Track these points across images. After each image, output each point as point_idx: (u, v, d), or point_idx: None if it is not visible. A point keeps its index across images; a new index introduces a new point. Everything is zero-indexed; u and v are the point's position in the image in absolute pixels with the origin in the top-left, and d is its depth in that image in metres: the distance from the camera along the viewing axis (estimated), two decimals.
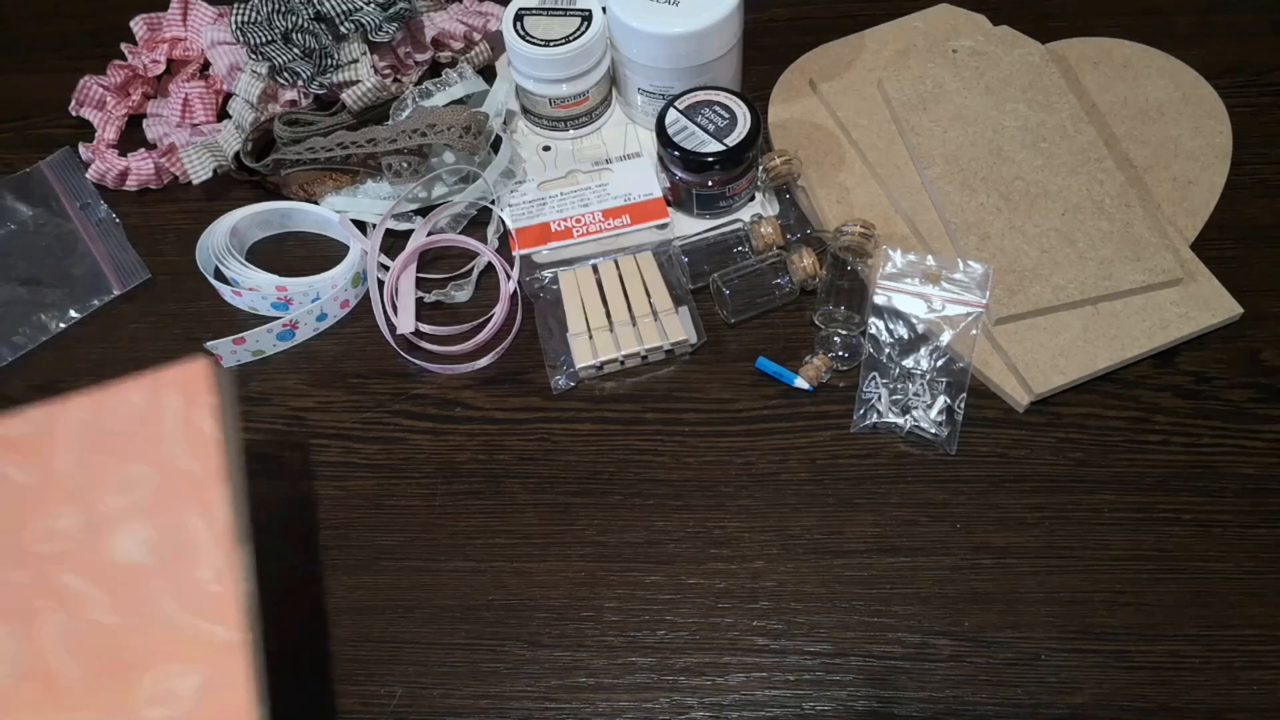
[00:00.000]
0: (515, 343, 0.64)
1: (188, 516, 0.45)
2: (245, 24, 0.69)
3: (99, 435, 0.47)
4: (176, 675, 0.43)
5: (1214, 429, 0.59)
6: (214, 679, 0.43)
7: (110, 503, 0.46)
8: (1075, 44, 0.72)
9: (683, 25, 0.64)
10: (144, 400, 0.47)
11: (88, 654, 0.44)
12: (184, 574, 0.45)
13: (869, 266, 0.63)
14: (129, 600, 0.44)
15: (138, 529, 0.46)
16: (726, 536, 0.57)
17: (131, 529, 0.46)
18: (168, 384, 0.47)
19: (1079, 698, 0.52)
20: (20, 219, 0.71)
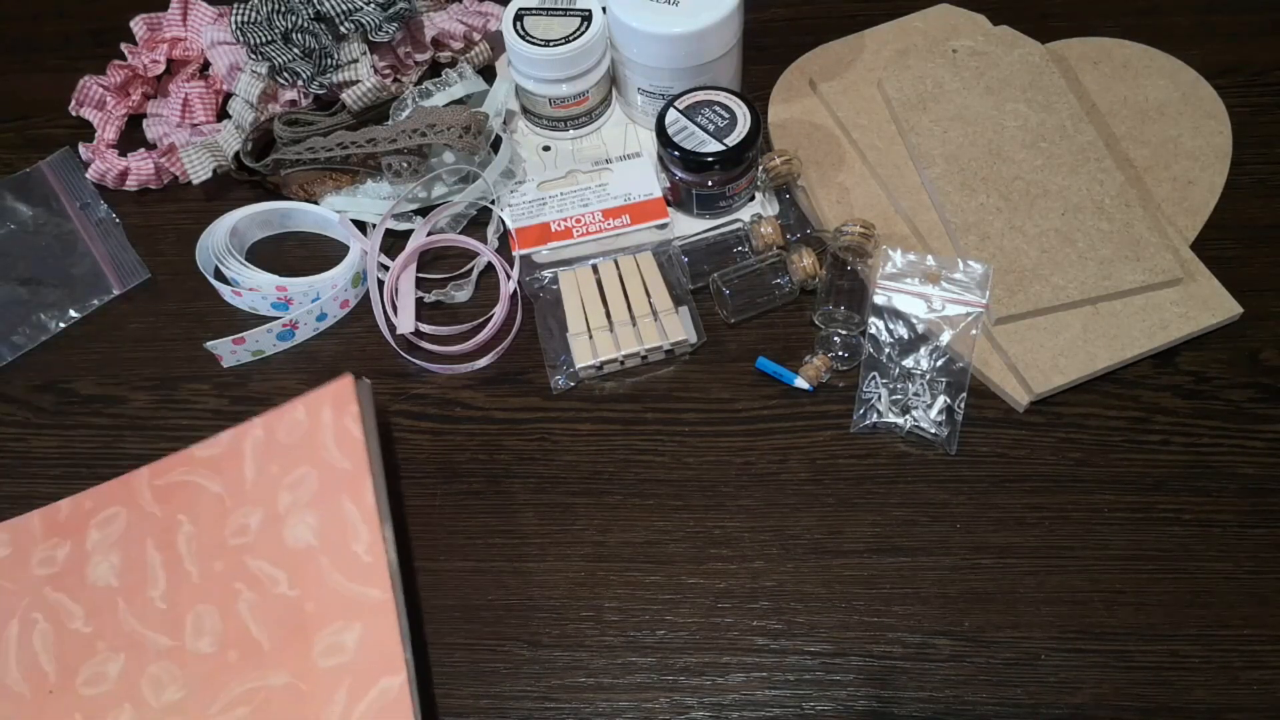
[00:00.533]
0: (515, 343, 0.64)
1: (343, 504, 0.54)
2: (245, 24, 0.69)
3: (273, 448, 0.56)
4: (341, 631, 0.52)
5: (1214, 429, 0.59)
6: (370, 631, 0.51)
7: (284, 500, 0.55)
8: (1075, 44, 0.72)
9: (683, 25, 0.64)
10: (305, 415, 0.57)
11: (274, 621, 0.53)
12: (343, 549, 0.53)
13: (869, 266, 0.63)
14: (302, 576, 0.53)
15: (306, 518, 0.54)
16: (726, 536, 0.57)
17: (301, 519, 0.54)
18: (323, 400, 0.57)
19: (1079, 698, 0.52)
20: (20, 219, 0.71)
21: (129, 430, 0.63)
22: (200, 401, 0.64)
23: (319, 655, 0.51)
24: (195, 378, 0.64)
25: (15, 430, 0.63)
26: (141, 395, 0.64)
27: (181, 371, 0.65)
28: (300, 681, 0.51)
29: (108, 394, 0.64)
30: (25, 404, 0.64)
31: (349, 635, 0.51)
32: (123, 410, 0.64)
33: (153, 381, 0.65)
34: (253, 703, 0.51)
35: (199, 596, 0.54)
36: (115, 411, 0.64)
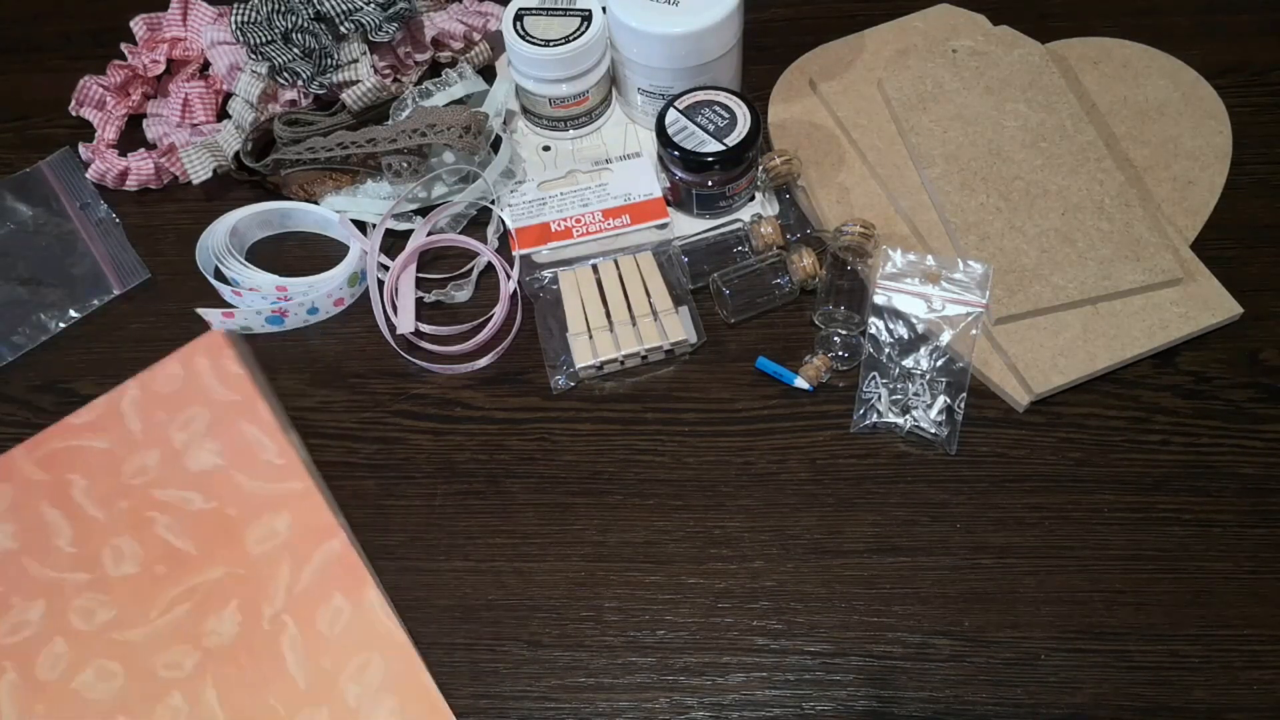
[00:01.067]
0: (515, 343, 0.64)
1: (241, 426, 0.59)
2: (245, 24, 0.69)
3: (154, 400, 0.60)
4: (270, 520, 0.57)
5: (1214, 429, 0.59)
6: (299, 514, 0.57)
7: (178, 437, 0.59)
8: (1075, 44, 0.72)
9: (683, 25, 0.64)
10: (180, 367, 0.61)
11: (197, 532, 0.57)
12: (252, 461, 0.58)
13: (869, 266, 0.63)
14: (216, 491, 0.58)
15: (206, 445, 0.59)
16: (726, 536, 0.57)
17: (201, 448, 0.59)
18: (196, 350, 0.61)
19: (1079, 698, 0.52)
20: (20, 219, 0.71)
21: None
22: None
23: (252, 544, 0.56)
24: None
25: (15, 430, 0.63)
26: None
27: None
28: (237, 569, 0.55)
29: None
30: (25, 404, 0.64)
31: (279, 522, 0.56)
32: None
33: None
34: (192, 598, 0.55)
35: (111, 532, 0.57)
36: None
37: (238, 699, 0.53)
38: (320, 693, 0.53)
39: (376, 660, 0.54)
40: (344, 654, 0.54)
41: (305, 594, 0.55)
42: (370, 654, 0.54)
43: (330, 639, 0.54)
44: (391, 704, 0.53)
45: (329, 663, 0.54)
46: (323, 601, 0.55)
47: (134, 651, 0.54)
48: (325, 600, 0.55)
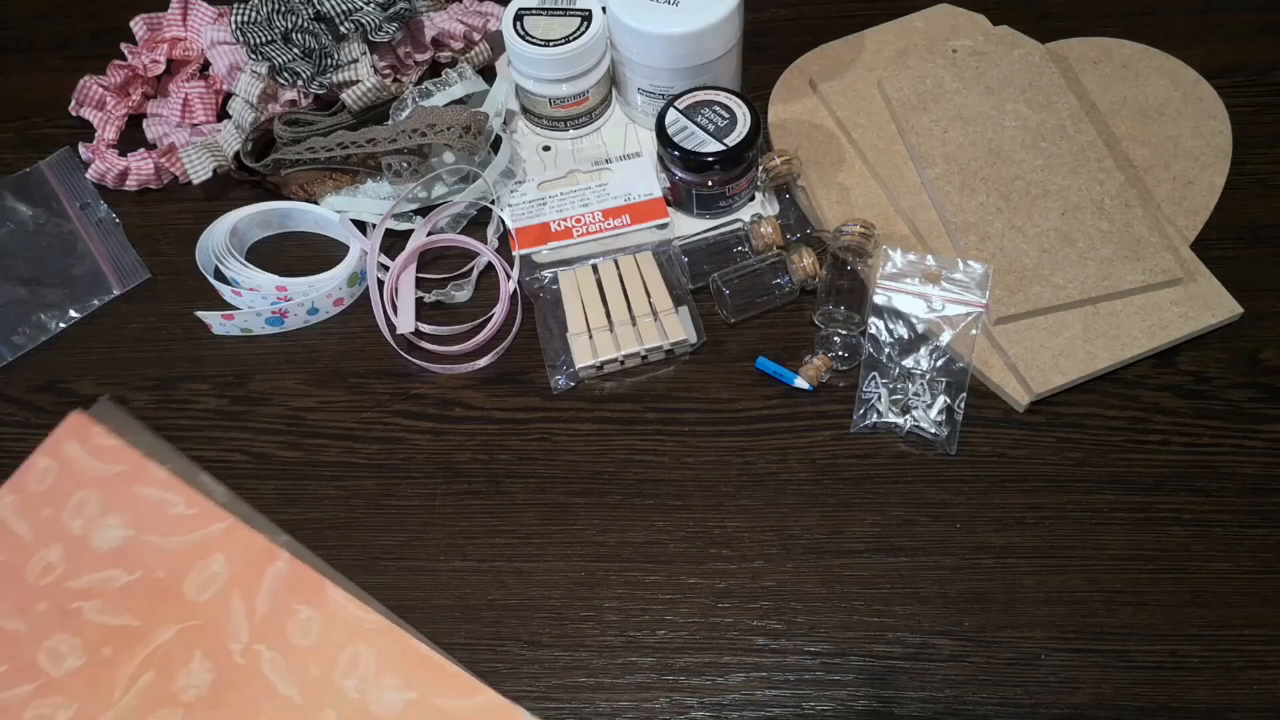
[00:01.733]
0: (515, 343, 0.64)
1: (137, 492, 0.58)
2: (245, 24, 0.69)
3: (33, 500, 0.58)
4: (203, 567, 0.56)
5: (1214, 429, 0.59)
6: (231, 551, 0.56)
7: (75, 525, 0.57)
8: (1075, 44, 0.72)
9: (683, 25, 0.64)
10: (49, 459, 0.59)
11: (132, 604, 0.55)
12: (162, 520, 0.57)
13: (869, 266, 0.63)
14: (136, 561, 0.56)
15: (108, 522, 0.57)
16: (726, 536, 0.57)
17: (103, 526, 0.57)
18: (61, 440, 0.60)
19: (1079, 698, 0.52)
20: (20, 219, 0.71)
21: None
22: (200, 401, 0.64)
23: (194, 595, 0.55)
24: (195, 378, 0.64)
25: (15, 430, 0.63)
26: (141, 395, 0.64)
27: (181, 371, 0.65)
28: (189, 621, 0.55)
29: (108, 394, 0.64)
30: (25, 404, 0.64)
31: (214, 566, 0.56)
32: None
33: (153, 381, 0.65)
34: (152, 665, 0.54)
35: (39, 638, 0.55)
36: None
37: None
38: (319, 698, 0.53)
39: (363, 650, 0.54)
40: (329, 656, 0.54)
41: (268, 618, 0.55)
42: (355, 646, 0.54)
43: (310, 647, 0.54)
44: (395, 681, 0.53)
45: (317, 669, 0.54)
46: (288, 618, 0.55)
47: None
48: (290, 616, 0.55)
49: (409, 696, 0.53)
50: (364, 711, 0.53)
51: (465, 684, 0.53)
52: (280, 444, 0.62)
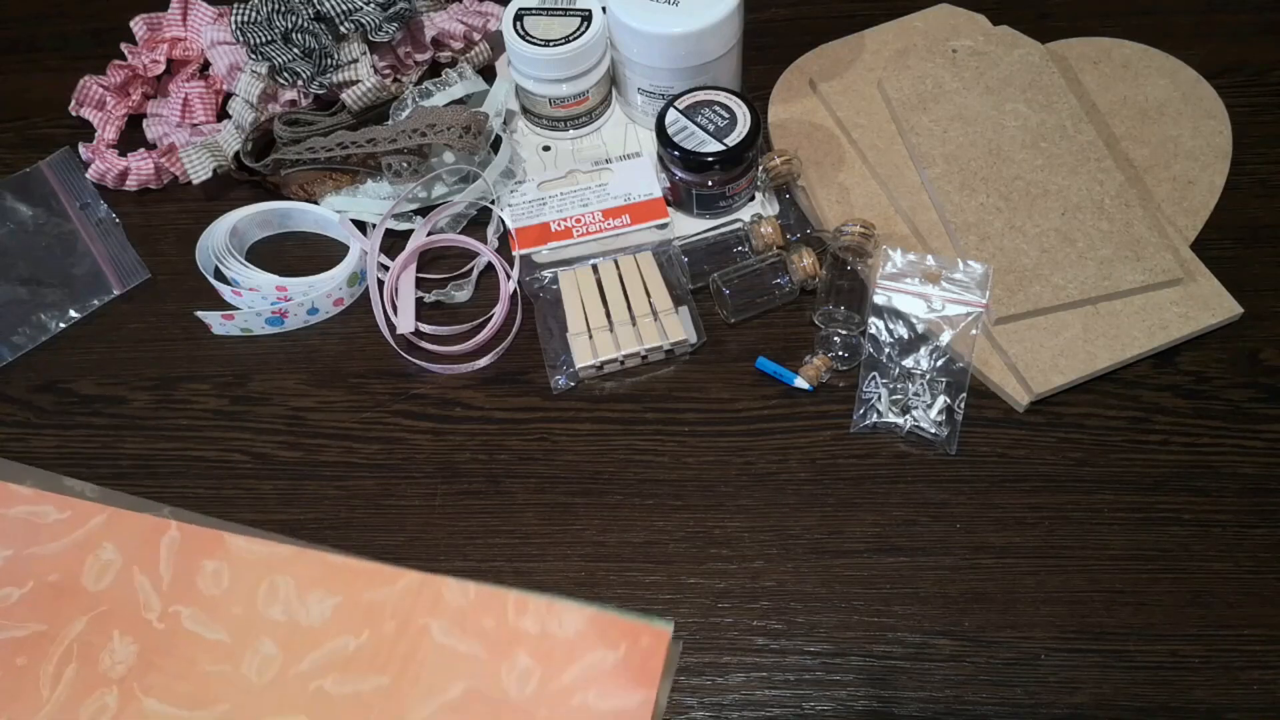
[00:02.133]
0: (515, 343, 0.64)
1: (3, 513, 0.59)
2: (245, 24, 0.69)
3: None
4: (95, 558, 0.57)
5: (1214, 429, 0.59)
6: (119, 537, 0.57)
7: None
8: (1075, 44, 0.72)
9: (683, 25, 0.64)
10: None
11: (31, 613, 0.56)
12: (37, 533, 0.58)
13: (869, 266, 0.63)
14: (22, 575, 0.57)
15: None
16: (726, 536, 0.57)
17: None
18: None
19: (1079, 698, 0.52)
20: (20, 219, 0.71)
21: (129, 430, 0.63)
22: (200, 401, 0.64)
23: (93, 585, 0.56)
24: (195, 378, 0.64)
25: (15, 430, 0.63)
26: (141, 395, 0.64)
27: (181, 371, 0.65)
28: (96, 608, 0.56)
29: (108, 394, 0.64)
30: (25, 404, 0.64)
31: (105, 554, 0.57)
32: (122, 410, 0.64)
33: (153, 381, 0.65)
34: (70, 659, 0.54)
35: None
36: (115, 411, 0.64)
37: (179, 690, 0.54)
38: (249, 632, 0.55)
39: (279, 578, 0.56)
40: (247, 594, 0.56)
41: (176, 581, 0.56)
42: (269, 578, 0.56)
43: (225, 593, 0.56)
44: (318, 594, 0.55)
45: (239, 609, 0.55)
46: (196, 575, 0.56)
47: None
48: (197, 573, 0.56)
49: (335, 601, 0.55)
50: (296, 629, 0.54)
51: (386, 573, 0.55)
52: (280, 444, 0.62)
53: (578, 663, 0.53)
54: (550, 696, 0.52)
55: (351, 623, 0.54)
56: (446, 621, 0.54)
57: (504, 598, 0.54)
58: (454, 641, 0.54)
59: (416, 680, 0.53)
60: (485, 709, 0.52)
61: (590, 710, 0.51)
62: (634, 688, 0.52)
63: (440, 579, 0.55)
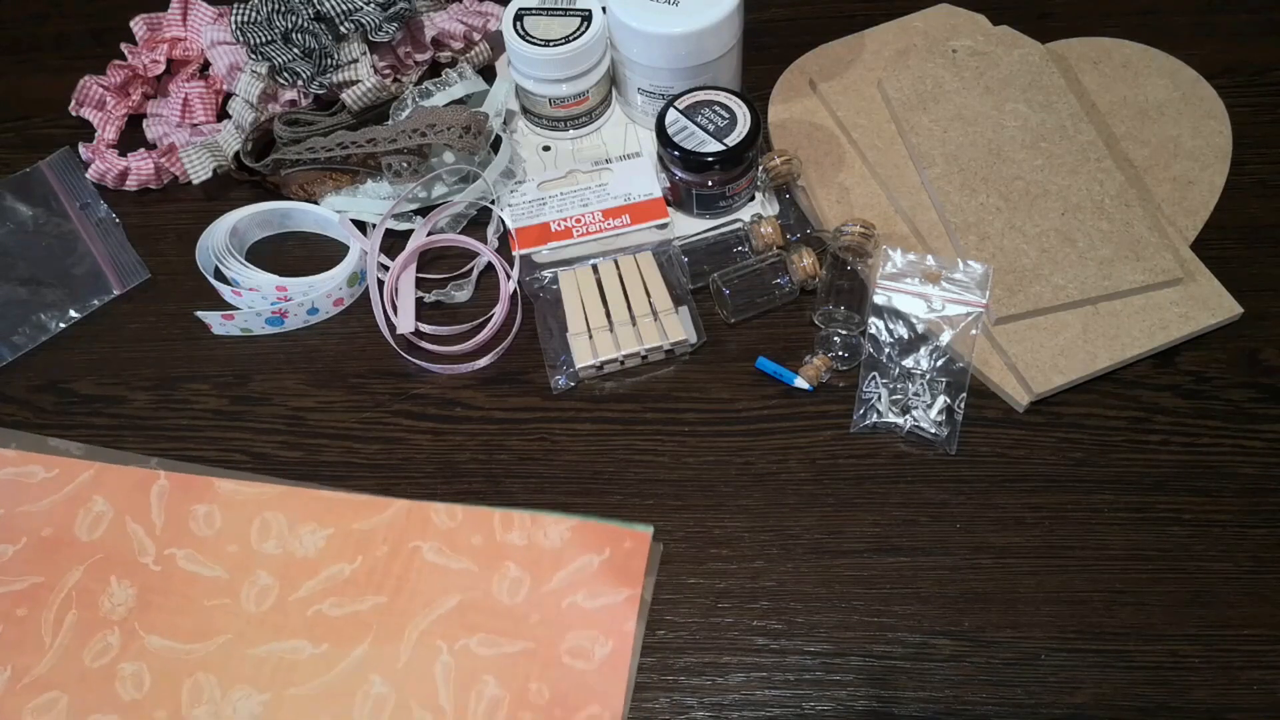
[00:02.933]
0: (515, 343, 0.64)
1: None
2: (245, 24, 0.69)
3: None
4: (86, 511, 0.59)
5: (1214, 429, 0.59)
6: (109, 490, 0.60)
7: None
8: (1075, 44, 0.72)
9: (683, 25, 0.64)
10: None
11: (27, 567, 0.57)
12: (26, 490, 0.60)
13: (869, 266, 0.63)
14: (17, 532, 0.59)
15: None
16: (726, 536, 0.57)
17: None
18: None
19: (1079, 698, 0.52)
20: (20, 219, 0.71)
21: (129, 430, 0.63)
22: (200, 401, 0.64)
23: (87, 537, 0.58)
24: (195, 378, 0.64)
25: (16, 430, 0.63)
26: (141, 395, 0.64)
27: (181, 371, 0.65)
28: (92, 557, 0.57)
29: (108, 394, 0.64)
30: (25, 404, 0.64)
31: (97, 506, 0.59)
32: (122, 410, 0.64)
33: (153, 381, 0.65)
34: (71, 606, 0.56)
35: None
36: (115, 411, 0.64)
37: (180, 625, 0.55)
38: (246, 566, 0.57)
39: (270, 515, 0.58)
40: (240, 532, 0.58)
41: (168, 526, 0.58)
42: (261, 515, 0.58)
43: (219, 533, 0.58)
44: (310, 527, 0.57)
45: (234, 546, 0.57)
46: (188, 519, 0.58)
47: (59, 672, 0.54)
48: (189, 517, 0.58)
49: (327, 533, 0.57)
50: (290, 560, 0.57)
51: (375, 504, 0.58)
52: (280, 444, 0.62)
53: (565, 568, 0.56)
54: (541, 600, 0.55)
55: (345, 550, 0.57)
56: (437, 542, 0.57)
57: (490, 516, 0.57)
58: (445, 560, 0.56)
59: (413, 596, 0.55)
60: (480, 617, 0.54)
61: (580, 609, 0.54)
62: (620, 586, 0.55)
63: (427, 504, 0.58)
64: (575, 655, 0.53)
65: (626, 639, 0.53)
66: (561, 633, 0.54)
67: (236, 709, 0.53)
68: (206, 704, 0.53)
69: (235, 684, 0.53)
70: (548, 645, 0.53)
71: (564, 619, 0.54)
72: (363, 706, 0.53)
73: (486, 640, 0.54)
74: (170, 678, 0.54)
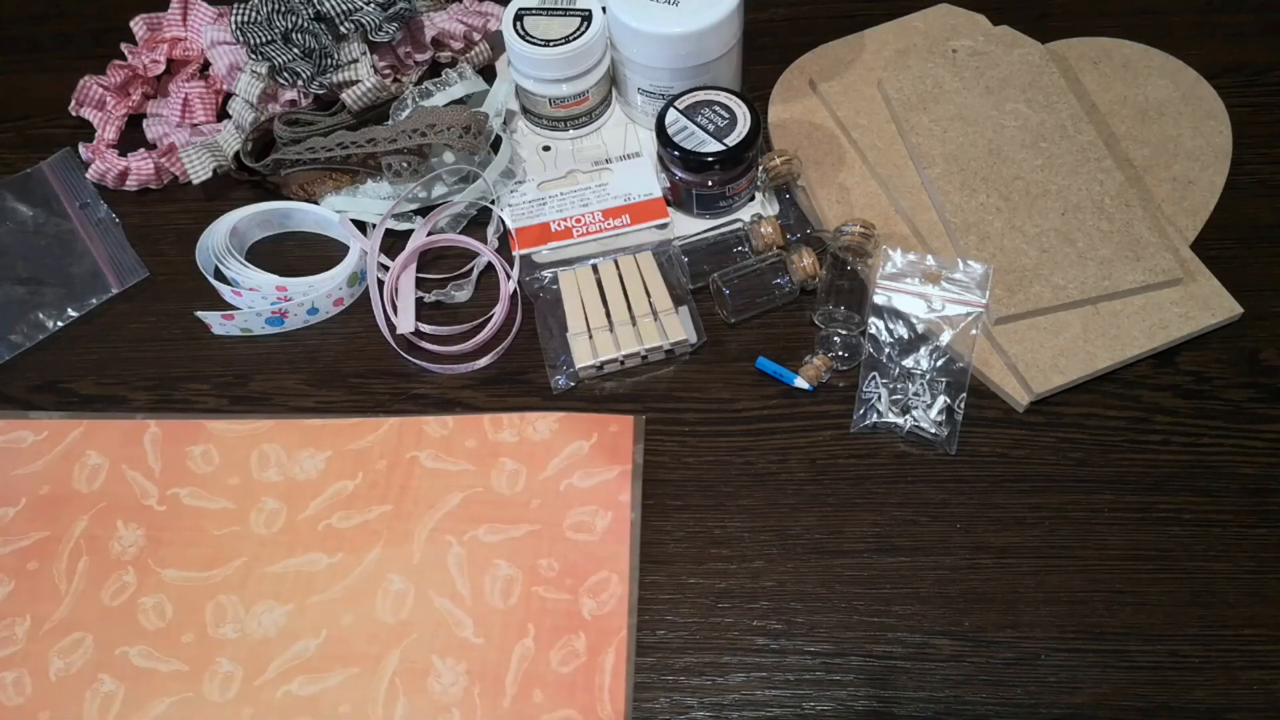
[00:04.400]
0: (515, 343, 0.64)
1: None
2: (245, 24, 0.69)
3: None
4: (84, 461, 0.61)
5: (1214, 429, 0.59)
6: (101, 442, 0.62)
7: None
8: (1075, 44, 0.72)
9: (683, 25, 0.64)
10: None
11: (33, 523, 0.59)
12: (17, 455, 0.61)
13: (869, 266, 0.63)
14: (12, 495, 0.60)
15: None
16: (726, 536, 0.57)
17: None
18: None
19: (1079, 698, 0.52)
20: (20, 219, 0.71)
21: None
22: (200, 401, 0.64)
23: (86, 489, 0.60)
24: (195, 378, 0.64)
25: None
26: (141, 395, 0.64)
27: (181, 371, 0.65)
28: (95, 507, 0.59)
29: (108, 394, 0.64)
30: (26, 404, 0.64)
31: (92, 459, 0.61)
32: (123, 410, 0.64)
33: (152, 381, 0.65)
34: (80, 553, 0.58)
35: None
36: (115, 411, 0.64)
37: (194, 555, 0.57)
38: (250, 495, 0.59)
39: (266, 446, 0.60)
40: (239, 465, 0.60)
41: (167, 469, 0.60)
42: (257, 448, 0.60)
43: (217, 470, 0.60)
44: (307, 452, 0.60)
45: (236, 479, 0.59)
46: (185, 460, 0.60)
47: (80, 614, 0.56)
48: (185, 458, 0.60)
49: (325, 455, 0.60)
50: (293, 484, 0.59)
51: (366, 425, 0.60)
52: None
53: (557, 455, 0.59)
54: (539, 486, 0.58)
55: (345, 469, 0.59)
56: (433, 450, 0.59)
57: (479, 420, 0.60)
58: (443, 465, 0.59)
59: (417, 499, 0.58)
60: (483, 509, 0.57)
61: (576, 489, 0.58)
62: (611, 463, 0.58)
63: (418, 418, 0.61)
64: (578, 530, 0.57)
65: (624, 508, 0.57)
66: (562, 512, 0.57)
67: (261, 621, 0.55)
68: (231, 622, 0.55)
69: (257, 600, 0.56)
70: (551, 525, 0.57)
71: (563, 500, 0.57)
72: (384, 602, 0.55)
73: (493, 529, 0.57)
74: (191, 604, 0.56)
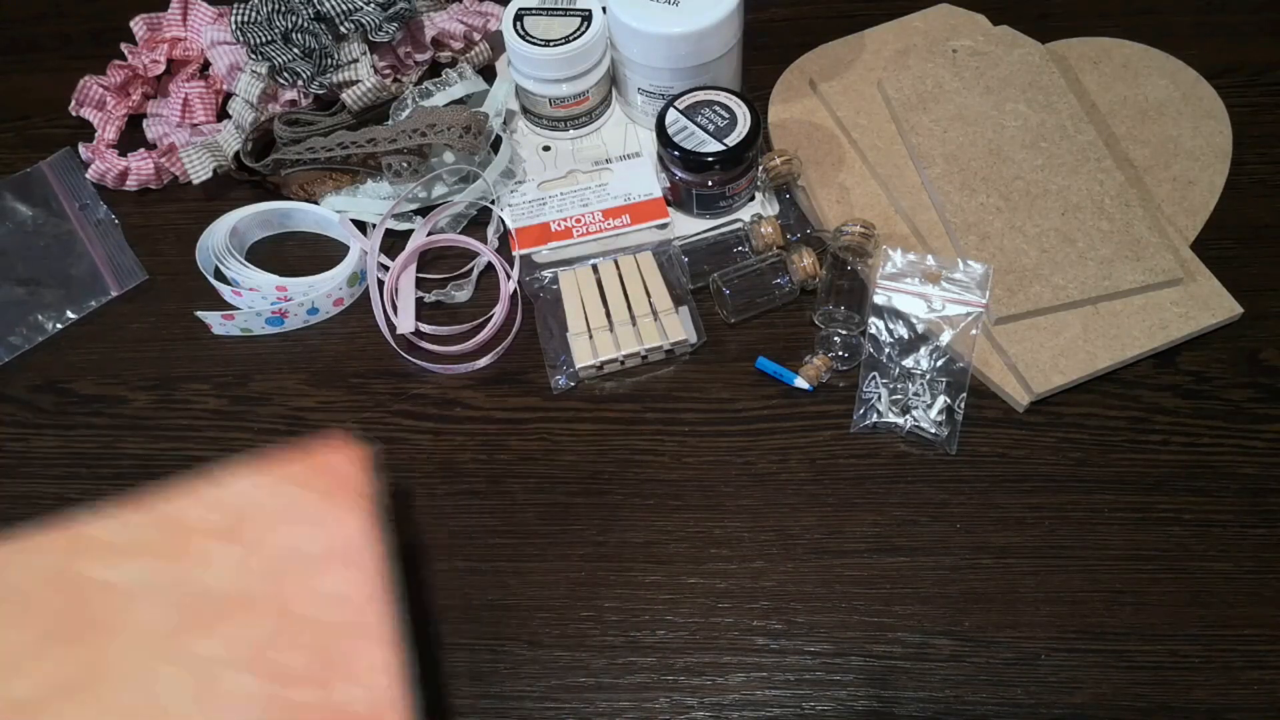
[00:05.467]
0: (515, 343, 0.64)
1: None
2: (245, 24, 0.69)
3: None
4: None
5: (1214, 429, 0.59)
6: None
7: None
8: (1075, 44, 0.72)
9: (683, 25, 0.64)
10: None
11: None
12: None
13: (869, 266, 0.63)
14: None
15: None
16: (726, 536, 0.57)
17: None
18: None
19: (1079, 698, 0.52)
20: (19, 219, 0.71)
21: (129, 430, 0.63)
22: (200, 401, 0.64)
23: None
24: (195, 378, 0.64)
25: (15, 430, 0.63)
26: (141, 395, 0.64)
27: (181, 372, 0.65)
28: None
29: (108, 394, 0.64)
30: (25, 404, 0.64)
31: None
32: (123, 410, 0.64)
33: (152, 381, 0.65)
34: None
35: None
36: (115, 411, 0.64)
37: None
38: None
39: None
40: None
41: None
42: None
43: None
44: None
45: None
46: None
47: None
48: None
49: None
50: None
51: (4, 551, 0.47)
52: (280, 444, 0.62)
53: (271, 517, 0.48)
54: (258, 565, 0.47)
55: None
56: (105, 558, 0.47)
57: (159, 504, 0.49)
58: (123, 574, 0.47)
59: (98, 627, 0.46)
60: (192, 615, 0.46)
61: (305, 553, 0.47)
62: (342, 507, 0.48)
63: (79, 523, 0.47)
64: (321, 605, 0.46)
65: (371, 560, 0.46)
66: (294, 589, 0.46)
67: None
68: None
69: None
70: (283, 609, 0.45)
71: (291, 573, 0.46)
72: None
73: (208, 636, 0.45)
74: None
